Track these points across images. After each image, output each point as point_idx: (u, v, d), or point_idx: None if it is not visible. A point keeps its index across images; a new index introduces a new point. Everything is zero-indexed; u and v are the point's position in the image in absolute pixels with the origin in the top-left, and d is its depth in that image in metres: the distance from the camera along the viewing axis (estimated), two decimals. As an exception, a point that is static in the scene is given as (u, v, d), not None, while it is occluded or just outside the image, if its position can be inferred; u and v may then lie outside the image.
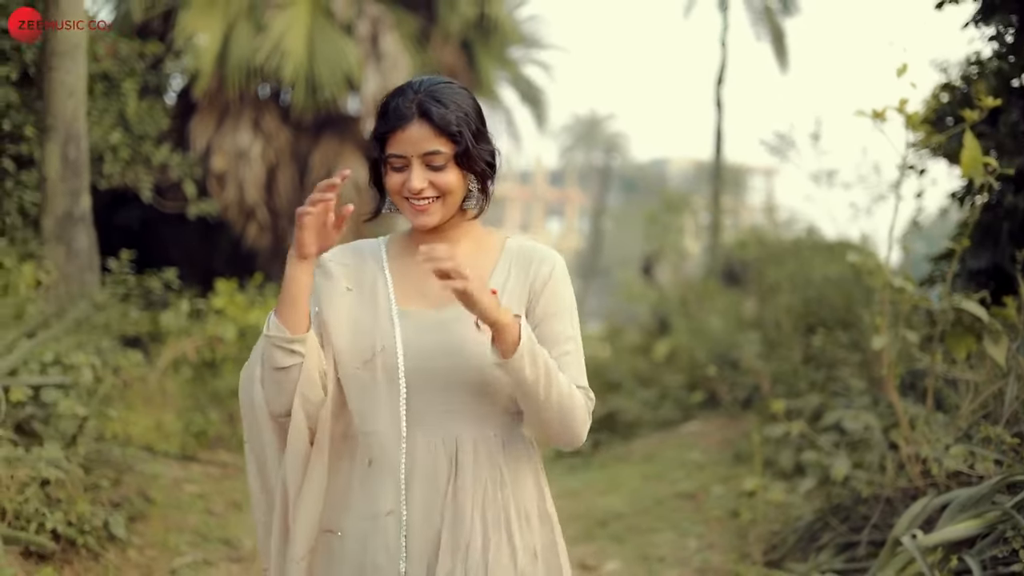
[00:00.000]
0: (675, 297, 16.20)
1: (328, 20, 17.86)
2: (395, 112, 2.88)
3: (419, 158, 2.84)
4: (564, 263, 2.98)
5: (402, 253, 3.05)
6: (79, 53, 10.41)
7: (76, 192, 10.39)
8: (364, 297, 2.96)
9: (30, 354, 6.53)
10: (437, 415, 2.84)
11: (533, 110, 25.03)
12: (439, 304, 2.90)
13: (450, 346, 2.83)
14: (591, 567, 6.82)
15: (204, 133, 17.91)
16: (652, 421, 11.39)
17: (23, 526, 5.67)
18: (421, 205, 2.88)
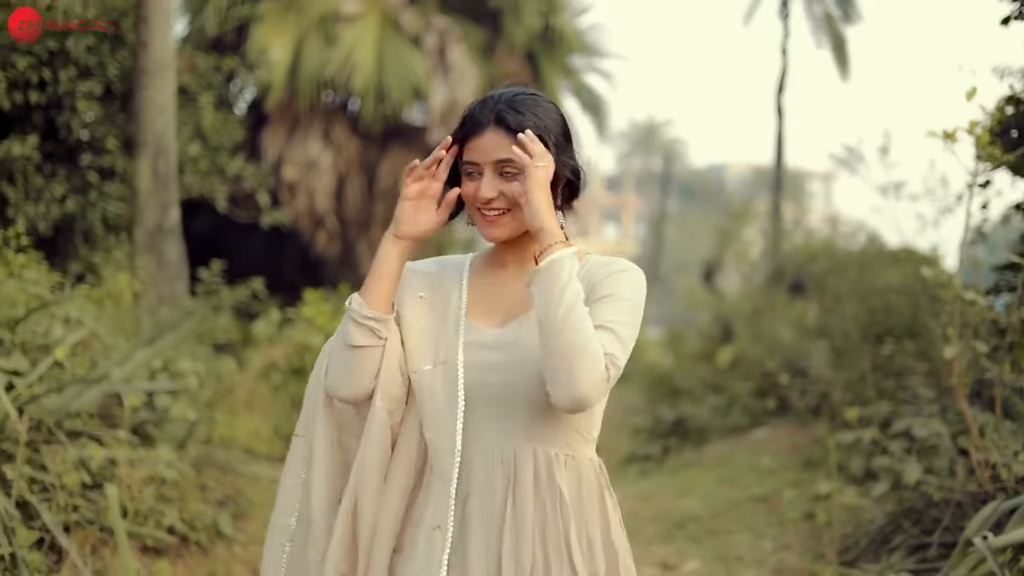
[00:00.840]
0: (739, 304, 16.41)
1: (396, 33, 18.31)
2: (472, 119, 2.83)
3: (492, 166, 2.78)
4: (642, 274, 2.83)
5: (482, 269, 2.99)
6: (168, 72, 10.90)
7: (166, 205, 10.88)
8: (436, 306, 2.91)
9: (138, 361, 6.95)
10: (496, 431, 2.77)
11: (593, 118, 25.32)
12: (503, 322, 2.85)
13: (510, 363, 2.76)
14: (672, 566, 7.16)
15: (276, 144, 18.40)
16: (722, 427, 11.69)
17: (141, 522, 6.09)
18: (490, 216, 2.81)
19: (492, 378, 2.76)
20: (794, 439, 10.11)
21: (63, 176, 12.86)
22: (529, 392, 2.72)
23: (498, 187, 2.77)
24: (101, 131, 13.00)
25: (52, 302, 6.66)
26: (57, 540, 5.53)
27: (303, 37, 18.14)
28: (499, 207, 2.79)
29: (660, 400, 14.91)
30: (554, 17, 20.49)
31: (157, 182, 10.90)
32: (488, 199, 2.77)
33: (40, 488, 5.71)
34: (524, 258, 2.89)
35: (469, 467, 2.76)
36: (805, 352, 11.12)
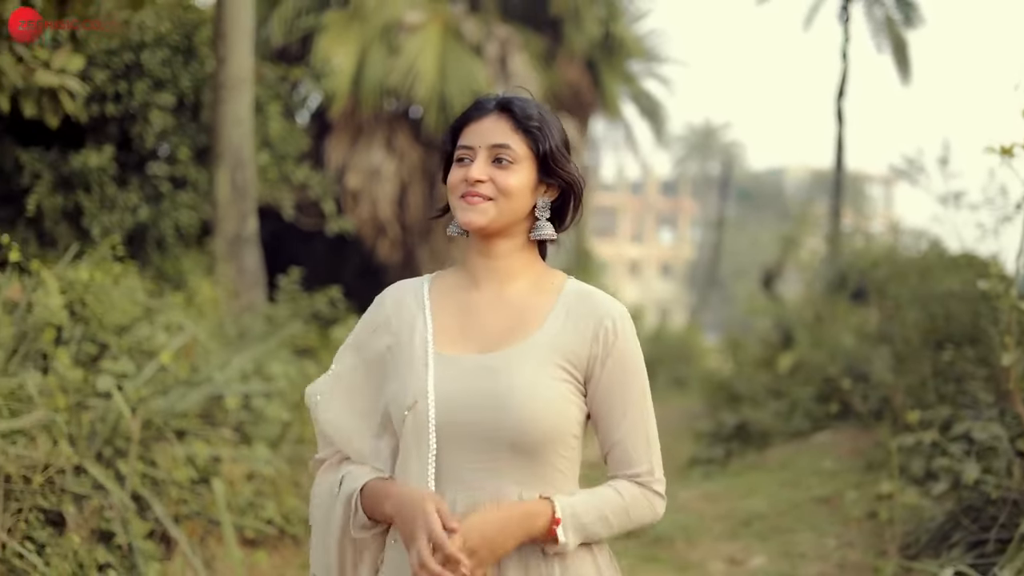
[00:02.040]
0: (800, 310, 16.68)
1: (458, 42, 18.81)
2: (477, 104, 2.77)
3: (486, 150, 2.69)
4: (628, 315, 2.74)
5: (449, 289, 2.83)
6: (245, 86, 11.46)
7: (244, 214, 11.45)
8: (403, 344, 2.75)
9: (235, 365, 7.50)
10: (477, 473, 2.62)
11: (651, 124, 25.69)
12: (485, 347, 2.71)
13: (493, 396, 2.61)
14: (738, 561, 7.61)
15: (339, 152, 18.95)
16: (783, 432, 12.07)
17: (242, 515, 6.63)
18: (473, 200, 2.69)
19: (471, 415, 2.61)
20: (856, 443, 10.49)
21: (136, 186, 13.44)
22: (515, 429, 2.59)
23: (489, 172, 2.68)
24: (173, 141, 13.58)
25: (155, 310, 7.22)
26: (168, 531, 6.07)
27: (367, 46, 18.68)
28: (484, 193, 2.68)
29: (720, 406, 15.26)
30: (614, 24, 20.96)
31: (235, 192, 11.46)
32: (476, 179, 2.67)
33: (151, 483, 6.25)
34: (500, 278, 2.77)
35: (452, 509, 2.60)
36: (866, 358, 11.48)
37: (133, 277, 8.15)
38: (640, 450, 2.68)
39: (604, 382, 2.68)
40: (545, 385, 2.62)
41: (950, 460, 7.88)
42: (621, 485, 2.68)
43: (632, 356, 2.71)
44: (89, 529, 5.74)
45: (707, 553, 7.87)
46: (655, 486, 2.69)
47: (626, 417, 2.68)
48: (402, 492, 2.61)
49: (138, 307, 7.41)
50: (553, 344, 2.67)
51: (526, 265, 2.79)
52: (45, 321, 6.68)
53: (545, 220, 2.78)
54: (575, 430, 2.67)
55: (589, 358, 2.67)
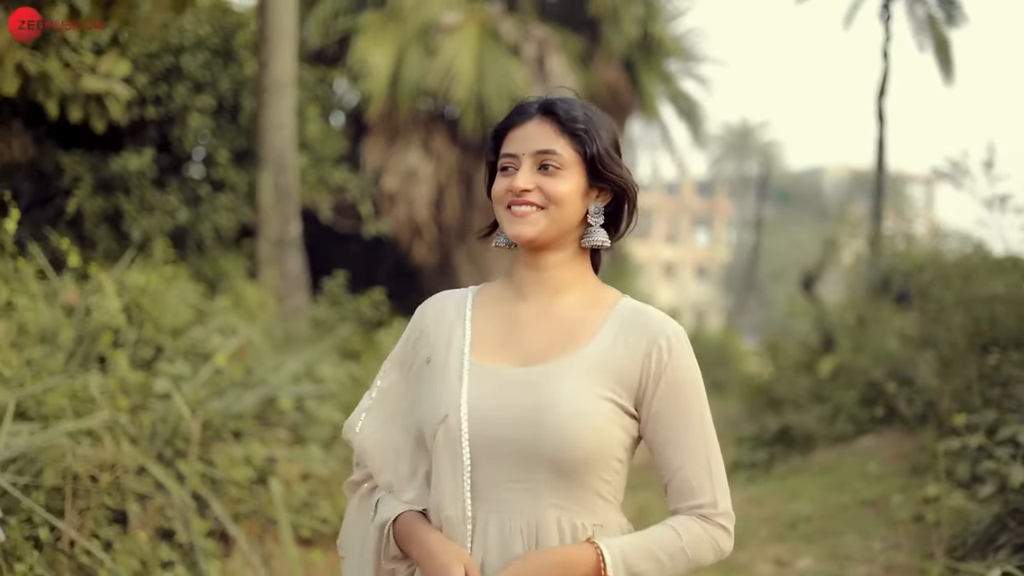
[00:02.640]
0: (841, 314, 16.76)
1: (495, 42, 19.05)
2: (519, 109, 2.68)
3: (531, 157, 2.60)
4: (684, 334, 2.64)
5: (494, 300, 2.77)
6: (288, 90, 11.74)
7: (287, 218, 11.73)
8: (438, 356, 2.70)
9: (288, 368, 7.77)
10: (514, 493, 2.54)
11: (689, 124, 25.84)
12: (527, 360, 2.62)
13: (532, 410, 2.52)
14: (785, 563, 7.82)
15: (376, 154, 19.22)
16: (827, 436, 12.23)
17: (298, 515, 6.89)
18: (520, 211, 2.60)
19: (507, 430, 2.54)
20: (900, 447, 10.65)
21: (175, 188, 13.74)
22: (553, 447, 2.49)
23: (536, 180, 2.59)
24: (212, 144, 13.88)
25: (209, 313, 7.49)
26: (227, 530, 6.33)
27: (404, 48, 18.94)
28: (533, 202, 2.59)
29: (759, 410, 15.40)
30: (652, 24, 21.16)
31: (278, 196, 11.74)
32: (522, 189, 2.58)
33: (210, 482, 6.51)
34: (549, 291, 2.69)
35: (483, 540, 2.56)
36: (911, 361, 11.63)
37: (183, 280, 8.44)
38: (701, 479, 2.58)
39: (657, 406, 2.58)
40: (588, 402, 2.52)
41: (996, 463, 8.05)
42: (680, 522, 2.56)
43: (688, 377, 2.60)
44: (152, 527, 6.00)
45: (754, 555, 8.07)
46: (719, 519, 2.58)
47: (684, 444, 2.58)
48: (430, 542, 2.55)
49: (191, 310, 7.68)
50: (600, 361, 2.58)
51: (578, 277, 2.70)
52: (103, 324, 6.95)
53: (598, 227, 2.67)
54: (619, 453, 2.57)
55: (640, 379, 2.58)
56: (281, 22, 11.83)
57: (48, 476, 5.49)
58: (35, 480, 5.46)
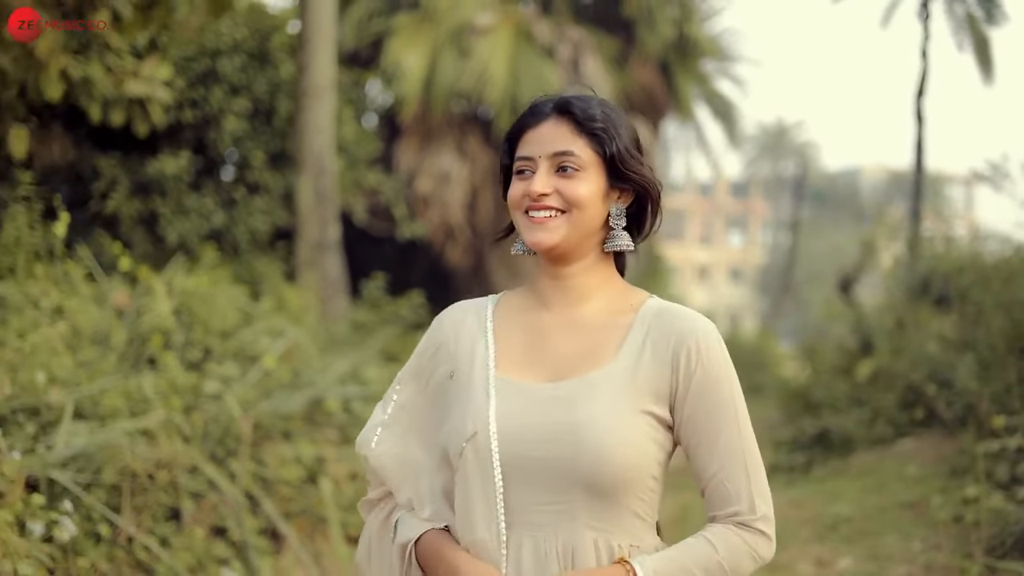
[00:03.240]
0: (880, 317, 16.86)
1: (530, 44, 19.26)
2: (533, 109, 2.64)
3: (548, 159, 2.55)
4: (715, 331, 2.57)
5: (516, 311, 2.70)
6: (326, 94, 12.02)
7: (326, 221, 12.01)
8: (462, 371, 2.64)
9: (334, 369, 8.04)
10: (548, 515, 2.48)
11: (724, 125, 25.98)
12: (556, 375, 2.56)
13: (566, 430, 2.46)
14: (826, 563, 8.05)
15: (409, 156, 19.44)
16: (866, 438, 12.40)
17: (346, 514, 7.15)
18: (539, 218, 2.55)
19: (539, 450, 2.48)
20: (940, 450, 10.83)
21: (211, 191, 14.02)
22: (590, 467, 2.44)
23: (554, 183, 2.54)
24: (248, 147, 14.15)
25: (255, 316, 7.76)
26: (278, 528, 6.59)
27: (437, 50, 19.16)
28: (552, 206, 2.54)
29: (797, 414, 15.55)
30: (688, 24, 21.34)
31: (317, 200, 12.02)
32: (540, 193, 2.53)
33: (261, 481, 6.78)
34: (572, 299, 2.64)
35: (518, 563, 2.50)
36: (950, 364, 11.80)
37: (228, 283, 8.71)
38: (739, 484, 2.51)
39: (690, 409, 2.52)
40: (623, 419, 2.47)
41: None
42: (716, 533, 2.51)
43: (721, 378, 2.54)
44: (206, 525, 6.27)
45: (795, 555, 8.29)
46: (758, 525, 2.51)
47: (718, 447, 2.52)
48: (459, 562, 2.51)
49: (238, 313, 7.95)
50: (632, 372, 2.52)
51: (602, 282, 2.64)
52: (154, 326, 7.23)
53: (620, 229, 2.62)
54: (655, 471, 2.53)
55: (671, 383, 2.52)
56: (320, 26, 12.12)
57: (107, 474, 5.75)
58: (94, 478, 5.73)
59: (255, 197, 14.49)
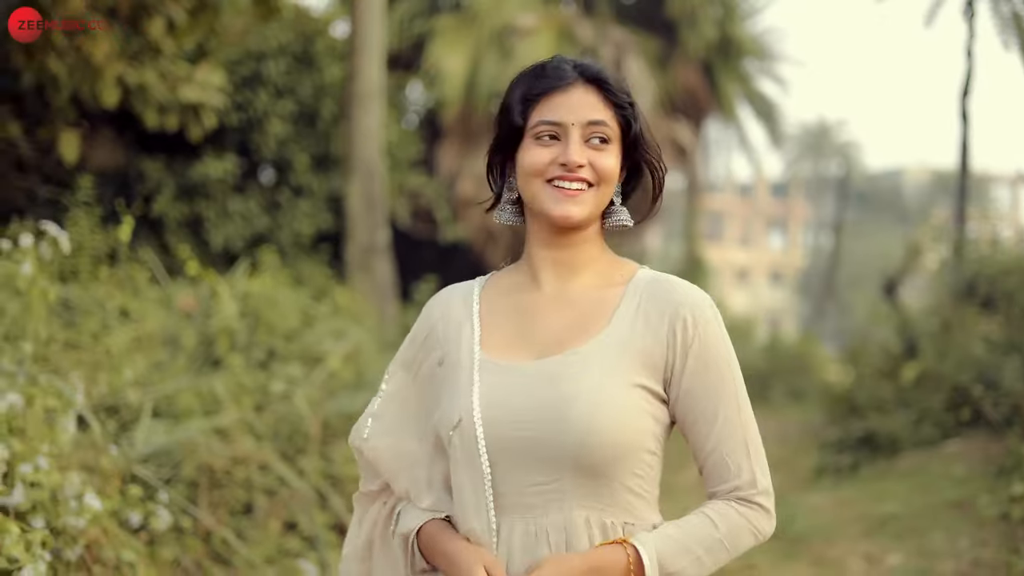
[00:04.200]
0: (926, 319, 17.07)
1: (572, 45, 19.63)
2: (555, 71, 2.53)
3: (581, 127, 2.48)
4: (711, 303, 2.53)
5: (504, 290, 2.65)
6: (375, 99, 12.44)
7: (376, 225, 12.43)
8: (450, 357, 2.60)
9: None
10: (539, 497, 2.45)
11: (766, 125, 26.26)
12: (542, 352, 2.52)
13: (552, 407, 2.42)
14: (875, 559, 8.41)
15: (451, 159, 19.84)
16: (912, 440, 12.70)
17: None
18: (573, 189, 2.48)
19: (525, 430, 2.44)
20: (986, 451, 11.14)
21: (255, 194, 14.45)
22: (579, 444, 2.40)
23: (586, 155, 2.48)
24: (292, 150, 14.57)
25: (317, 318, 8.18)
26: (345, 523, 7.00)
27: (479, 51, 19.57)
28: (585, 178, 2.48)
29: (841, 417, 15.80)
30: (730, 25, 21.69)
31: (366, 204, 12.43)
32: (579, 164, 2.46)
33: (329, 478, 7.20)
34: (563, 272, 2.58)
35: (509, 547, 2.47)
36: (996, 365, 12.11)
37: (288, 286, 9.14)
38: (738, 457, 2.49)
39: (686, 384, 2.48)
40: (613, 393, 2.42)
41: (1081, 463, 8.59)
42: (716, 510, 2.49)
43: (718, 350, 2.50)
44: (279, 519, 6.69)
45: (845, 551, 8.66)
46: (758, 499, 2.50)
47: (717, 421, 2.49)
48: (455, 550, 2.48)
49: (300, 315, 8.38)
50: (623, 344, 2.48)
51: (596, 255, 2.60)
52: (221, 328, 7.67)
53: (620, 205, 2.60)
54: (651, 445, 2.49)
55: (666, 357, 2.48)
56: (370, 33, 12.53)
57: (186, 470, 6.18)
58: (174, 473, 6.15)
59: (299, 200, 14.91)
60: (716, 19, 21.60)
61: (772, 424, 19.23)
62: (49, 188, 12.59)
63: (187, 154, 14.09)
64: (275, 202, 14.88)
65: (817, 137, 65.98)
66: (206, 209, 14.34)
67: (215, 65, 11.04)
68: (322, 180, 15.09)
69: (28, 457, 4.33)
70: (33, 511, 4.27)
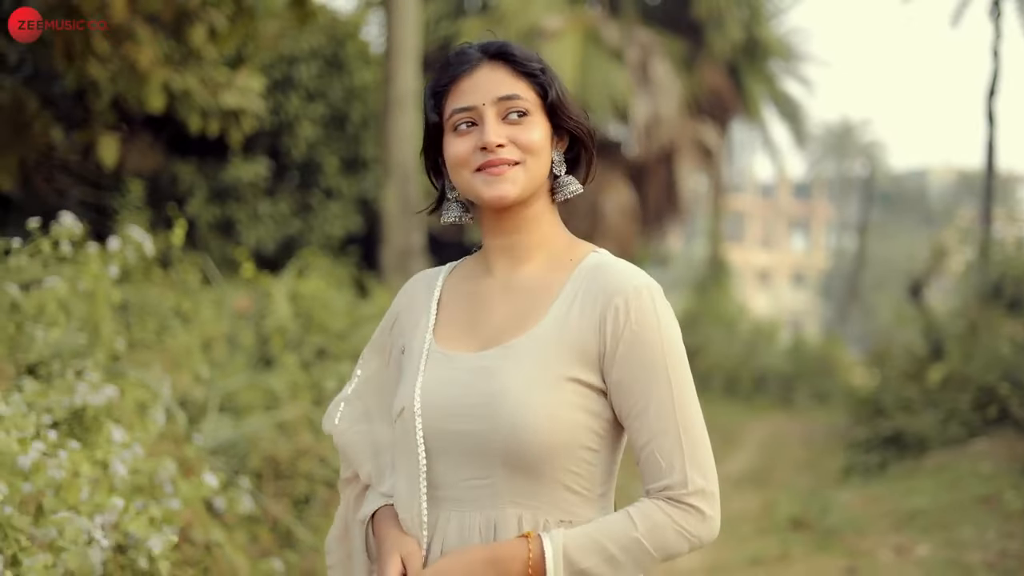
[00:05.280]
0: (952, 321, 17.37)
1: (598, 47, 20.08)
2: (458, 57, 2.53)
3: (493, 105, 2.46)
4: (655, 290, 2.46)
5: (463, 278, 2.66)
6: (410, 103, 12.92)
7: (411, 228, 12.91)
8: (410, 344, 2.62)
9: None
10: (473, 491, 2.45)
11: (791, 125, 26.61)
12: (483, 344, 2.52)
13: (483, 401, 2.42)
14: (905, 550, 8.88)
15: (479, 160, 20.28)
16: (939, 439, 13.09)
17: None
18: (498, 169, 2.44)
19: (460, 424, 2.44)
20: (1013, 449, 11.56)
21: (286, 196, 14.92)
22: (507, 442, 2.39)
23: (505, 132, 2.46)
24: (322, 153, 15.04)
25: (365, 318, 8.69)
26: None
27: (507, 54, 20.01)
28: (509, 159, 2.45)
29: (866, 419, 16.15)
30: (757, 26, 22.09)
31: (402, 207, 12.91)
32: (498, 144, 2.43)
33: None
34: (515, 258, 2.57)
35: (443, 540, 2.47)
36: (1022, 366, 12.53)
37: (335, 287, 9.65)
38: (671, 455, 2.40)
39: (617, 374, 2.43)
40: (544, 387, 2.40)
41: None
42: (640, 508, 2.41)
43: (651, 339, 2.42)
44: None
45: (875, 543, 9.14)
46: (689, 499, 2.40)
47: (648, 415, 2.41)
48: (383, 536, 2.53)
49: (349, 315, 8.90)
50: (558, 335, 2.45)
51: (548, 237, 2.58)
52: (276, 328, 8.18)
53: (565, 175, 2.56)
54: (588, 441, 2.45)
55: (599, 347, 2.44)
56: (405, 37, 13.00)
57: (253, 462, 6.69)
58: (241, 465, 6.66)
59: (330, 203, 15.36)
60: (742, 20, 21.97)
61: (797, 426, 19.73)
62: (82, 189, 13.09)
63: (219, 157, 14.52)
64: (306, 204, 15.31)
65: (840, 137, 65.91)
66: (237, 211, 14.76)
67: (253, 70, 11.46)
68: (351, 183, 15.52)
69: (127, 444, 4.81)
70: (136, 494, 4.75)
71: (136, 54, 9.75)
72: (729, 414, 20.09)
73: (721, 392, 23.50)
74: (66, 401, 4.94)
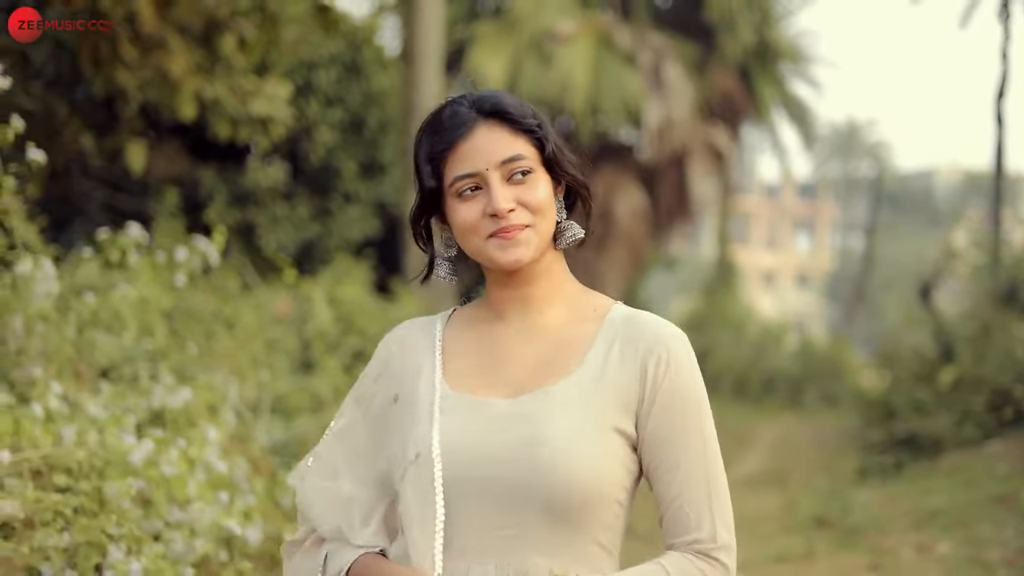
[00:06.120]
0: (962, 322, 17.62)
1: (610, 52, 20.40)
2: (452, 119, 2.48)
3: (497, 169, 2.43)
4: (685, 340, 2.50)
5: (469, 323, 2.61)
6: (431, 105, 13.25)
7: (434, 233, 13.26)
8: (406, 391, 2.55)
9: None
10: (498, 540, 2.39)
11: (799, 127, 26.90)
12: (515, 389, 2.47)
13: (521, 447, 2.37)
14: (927, 548, 9.27)
15: (490, 164, 20.61)
16: (954, 440, 13.42)
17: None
18: (510, 234, 2.42)
19: (489, 470, 2.39)
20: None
21: (305, 200, 15.29)
22: (549, 489, 2.36)
23: (512, 195, 2.43)
24: (340, 157, 15.40)
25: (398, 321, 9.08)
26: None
27: (519, 57, 20.31)
28: (520, 222, 2.43)
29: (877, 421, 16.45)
30: (768, 29, 22.41)
31: (425, 211, 13.26)
32: (508, 209, 2.41)
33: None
34: (532, 307, 2.54)
35: None
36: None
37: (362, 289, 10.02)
38: (700, 509, 2.42)
39: (653, 424, 2.44)
40: (587, 437, 2.39)
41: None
42: (672, 560, 2.41)
43: (688, 392, 2.46)
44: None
45: (897, 541, 9.52)
46: (717, 553, 2.42)
47: (680, 468, 2.44)
48: (388, 572, 2.44)
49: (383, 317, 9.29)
50: (597, 383, 2.45)
51: (560, 285, 2.56)
52: (317, 332, 8.58)
53: (567, 221, 2.55)
54: (620, 495, 2.45)
55: (639, 394, 2.45)
56: (426, 44, 13.36)
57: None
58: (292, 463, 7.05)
59: (348, 207, 15.72)
60: (753, 23, 22.25)
61: (807, 428, 20.04)
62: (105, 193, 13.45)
63: (238, 162, 14.87)
64: (324, 208, 15.66)
65: (846, 138, 66.00)
66: (257, 216, 15.10)
67: (280, 78, 11.80)
68: (369, 187, 15.86)
69: (204, 444, 5.20)
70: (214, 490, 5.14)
71: (168, 63, 10.08)
72: (739, 416, 20.39)
73: (730, 394, 23.84)
74: (144, 403, 5.33)
